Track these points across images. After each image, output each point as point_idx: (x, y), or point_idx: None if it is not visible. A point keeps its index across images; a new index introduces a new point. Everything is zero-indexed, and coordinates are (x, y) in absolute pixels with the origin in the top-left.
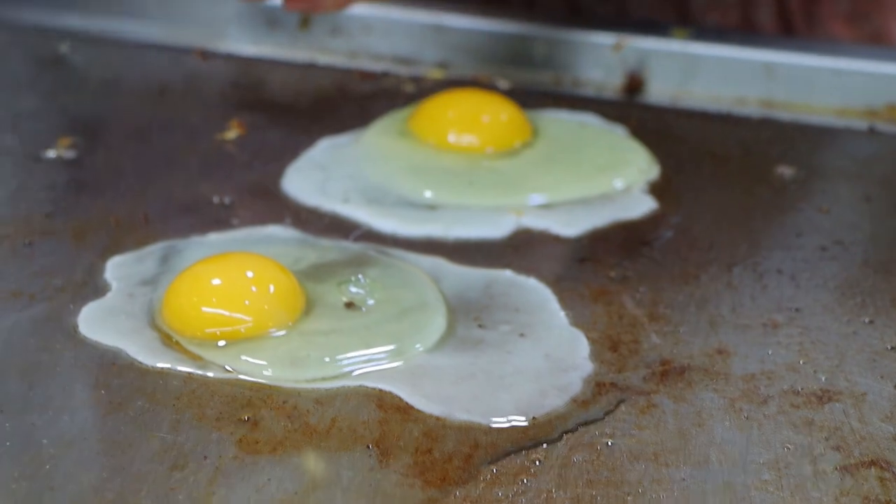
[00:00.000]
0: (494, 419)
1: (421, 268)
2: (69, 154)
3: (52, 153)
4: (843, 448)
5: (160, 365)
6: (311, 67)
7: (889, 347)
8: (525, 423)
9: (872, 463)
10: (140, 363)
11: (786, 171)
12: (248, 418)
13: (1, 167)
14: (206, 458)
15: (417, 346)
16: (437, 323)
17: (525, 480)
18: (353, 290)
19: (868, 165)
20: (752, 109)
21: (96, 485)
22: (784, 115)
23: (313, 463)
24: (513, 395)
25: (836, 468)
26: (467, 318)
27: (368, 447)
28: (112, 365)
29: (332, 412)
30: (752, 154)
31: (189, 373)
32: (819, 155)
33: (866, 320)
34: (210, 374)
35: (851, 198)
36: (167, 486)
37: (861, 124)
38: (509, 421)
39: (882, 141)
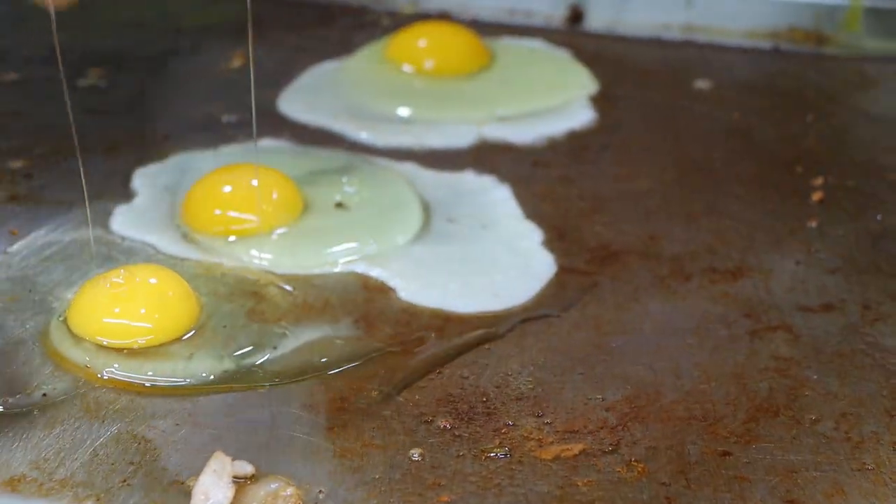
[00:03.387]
0: (462, 301)
1: (398, 172)
2: (100, 83)
3: (84, 82)
4: (753, 315)
5: (181, 254)
6: (300, 5)
7: (789, 231)
8: (488, 304)
9: (778, 327)
10: (164, 254)
11: (703, 84)
12: (259, 294)
13: (42, 95)
14: (225, 326)
15: (398, 238)
16: (415, 218)
17: (489, 348)
18: (344, 190)
19: (773, 79)
20: (675, 34)
21: None
22: (702, 37)
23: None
24: (478, 279)
25: (748, 332)
26: (438, 214)
27: (356, 321)
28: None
29: (325, 293)
30: (675, 71)
31: (204, 261)
32: (731, 71)
33: (771, 208)
34: (223, 262)
35: (759, 106)
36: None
37: (766, 44)
38: (476, 302)
39: (785, 59)
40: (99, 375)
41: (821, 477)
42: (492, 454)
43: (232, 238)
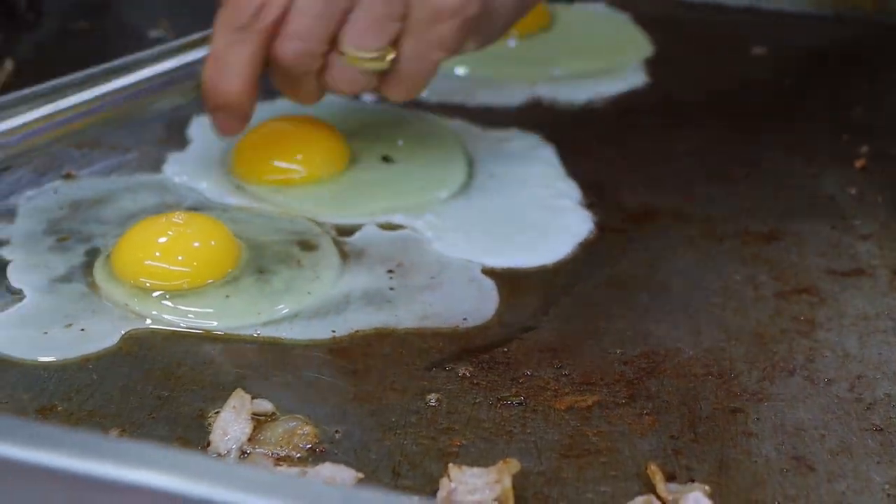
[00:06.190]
0: (497, 255)
1: (447, 127)
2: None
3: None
4: (781, 278)
5: (229, 201)
6: None
7: (828, 197)
8: (521, 260)
9: (805, 290)
10: (212, 201)
11: (760, 51)
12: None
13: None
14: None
15: (440, 193)
16: (459, 175)
17: (518, 299)
18: (391, 144)
19: (831, 47)
20: (740, 1)
21: None
22: (766, 4)
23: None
24: (514, 235)
25: (774, 294)
26: (482, 170)
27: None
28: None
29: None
30: (733, 37)
31: (248, 207)
32: (790, 38)
33: (812, 174)
34: (267, 210)
35: (814, 74)
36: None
37: (829, 11)
38: (510, 257)
39: (846, 26)
40: (137, 315)
41: (829, 435)
42: (507, 402)
43: (277, 187)
